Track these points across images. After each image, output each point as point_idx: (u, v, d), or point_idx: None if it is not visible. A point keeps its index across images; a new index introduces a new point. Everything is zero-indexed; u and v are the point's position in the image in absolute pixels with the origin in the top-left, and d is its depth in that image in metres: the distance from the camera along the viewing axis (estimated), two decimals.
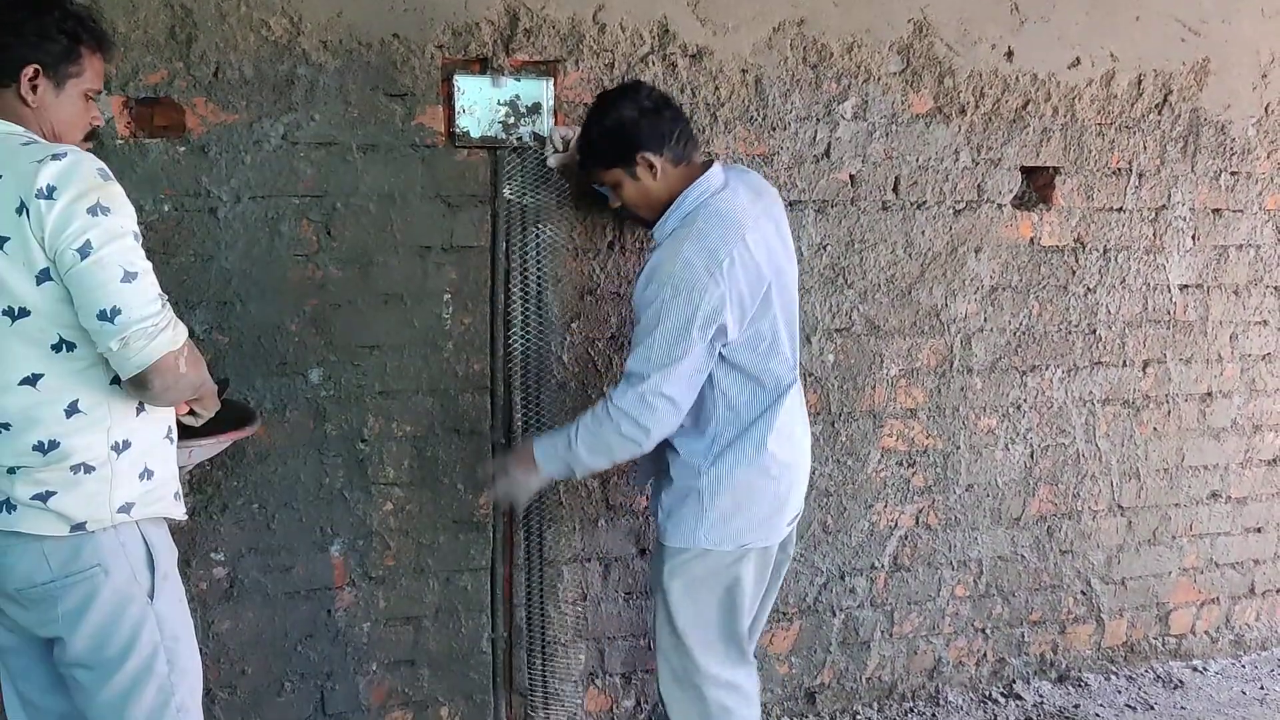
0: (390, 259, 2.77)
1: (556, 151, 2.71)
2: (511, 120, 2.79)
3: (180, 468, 2.14)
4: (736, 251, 2.35)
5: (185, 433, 2.16)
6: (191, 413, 2.13)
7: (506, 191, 2.80)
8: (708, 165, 2.50)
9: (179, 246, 2.59)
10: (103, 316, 1.79)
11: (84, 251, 1.77)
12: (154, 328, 1.83)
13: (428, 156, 2.76)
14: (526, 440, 2.68)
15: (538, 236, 2.87)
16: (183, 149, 2.57)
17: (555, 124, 2.80)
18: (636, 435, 2.39)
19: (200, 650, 2.28)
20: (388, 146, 2.72)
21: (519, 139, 2.80)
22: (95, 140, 2.41)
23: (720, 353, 2.41)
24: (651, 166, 2.43)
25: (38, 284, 1.79)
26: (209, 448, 2.28)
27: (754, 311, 2.41)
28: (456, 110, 2.75)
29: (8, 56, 1.86)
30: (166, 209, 2.57)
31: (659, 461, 2.59)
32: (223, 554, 2.73)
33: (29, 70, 1.87)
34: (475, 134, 2.77)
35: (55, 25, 1.88)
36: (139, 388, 1.87)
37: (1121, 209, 3.56)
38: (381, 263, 2.77)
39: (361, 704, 2.91)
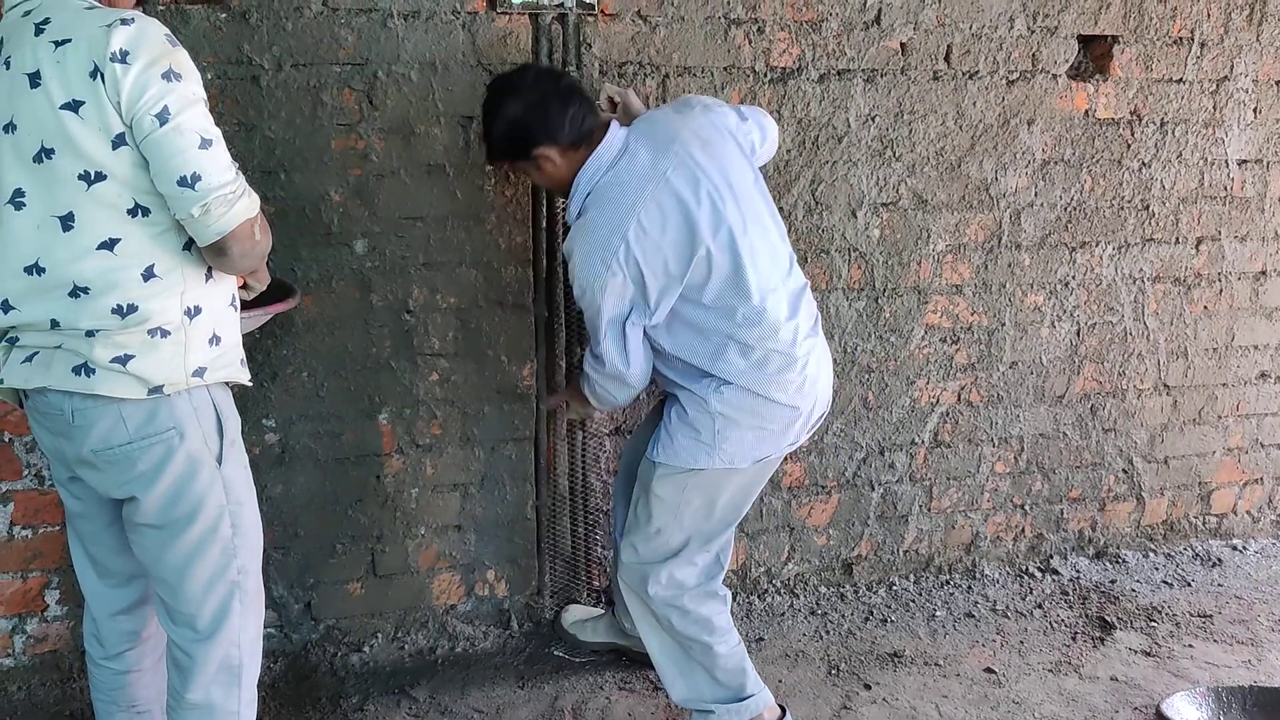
0: (432, 129, 2.76)
1: (602, 110, 2.70)
2: None
3: None
4: (631, 232, 2.30)
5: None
6: (245, 286, 2.15)
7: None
8: (605, 130, 2.41)
9: (222, 115, 2.58)
10: (183, 183, 1.80)
11: (162, 117, 1.77)
12: (233, 194, 1.84)
13: (469, 23, 2.73)
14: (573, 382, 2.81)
15: None
16: (224, 15, 2.56)
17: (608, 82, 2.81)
18: (611, 389, 2.50)
19: None
20: (429, 13, 2.69)
21: (560, 4, 2.75)
22: (140, 6, 2.39)
23: (661, 329, 2.41)
24: (549, 159, 2.42)
25: (114, 149, 1.80)
26: (254, 319, 2.30)
27: (683, 268, 2.34)
28: None
29: None
30: (209, 77, 2.56)
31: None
32: (274, 420, 2.80)
33: None
34: (516, 0, 2.72)
35: None
36: (218, 254, 1.89)
37: (1181, 80, 3.45)
38: (424, 133, 2.76)
39: (411, 566, 3.00)
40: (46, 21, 1.81)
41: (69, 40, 1.78)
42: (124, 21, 1.78)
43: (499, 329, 2.94)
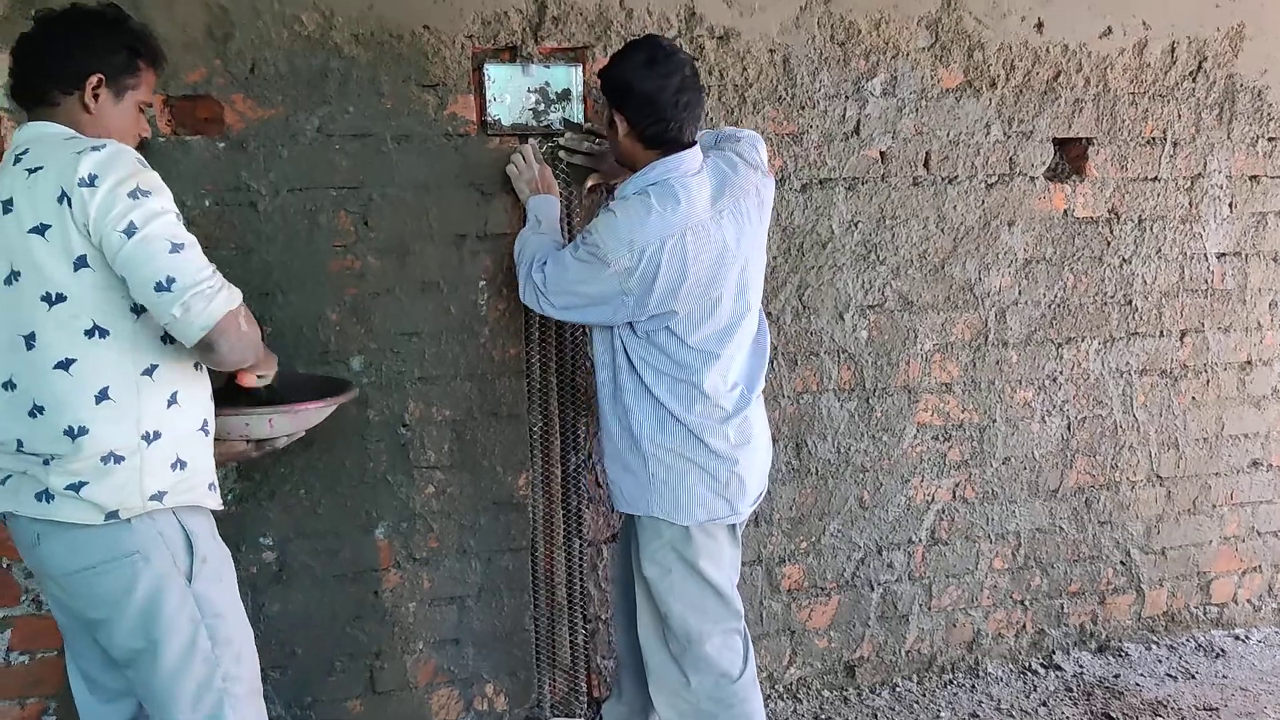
0: (426, 247, 2.82)
1: (571, 139, 2.85)
2: (541, 107, 2.83)
3: (271, 439, 2.25)
4: (671, 244, 2.38)
5: (269, 400, 2.25)
6: (259, 375, 2.21)
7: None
8: (690, 145, 2.49)
9: (220, 240, 2.64)
10: (159, 287, 1.86)
11: (129, 231, 1.84)
12: (210, 289, 1.89)
13: (461, 145, 2.81)
14: (549, 195, 2.76)
15: (569, 222, 2.91)
16: (222, 145, 2.63)
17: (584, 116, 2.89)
18: (524, 287, 2.62)
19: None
20: (421, 137, 2.77)
21: (549, 126, 2.84)
22: (144, 150, 2.46)
23: (635, 336, 2.49)
24: (617, 126, 2.49)
25: (74, 270, 1.87)
26: (318, 412, 2.36)
27: (674, 304, 2.43)
28: (488, 99, 2.79)
29: (76, 66, 1.98)
30: (208, 204, 2.63)
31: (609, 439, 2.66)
32: (271, 538, 2.81)
33: (93, 79, 1.99)
34: (506, 122, 2.81)
35: (121, 40, 2.02)
36: (207, 351, 1.93)
37: (1156, 178, 3.54)
38: (418, 251, 2.82)
39: (409, 682, 2.98)
40: (26, 152, 1.92)
41: (41, 167, 1.87)
42: (95, 148, 1.87)
43: (494, 440, 2.96)
